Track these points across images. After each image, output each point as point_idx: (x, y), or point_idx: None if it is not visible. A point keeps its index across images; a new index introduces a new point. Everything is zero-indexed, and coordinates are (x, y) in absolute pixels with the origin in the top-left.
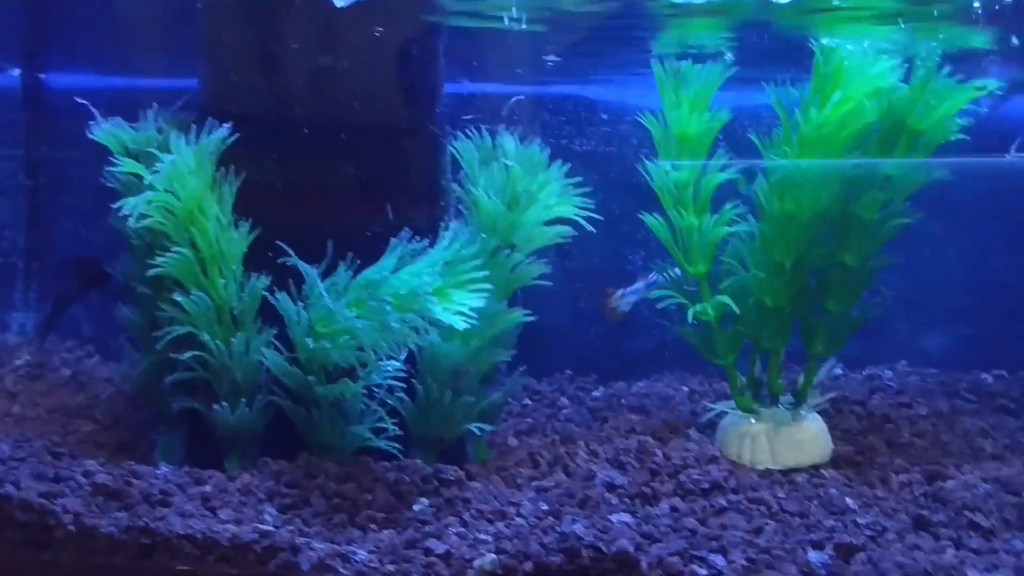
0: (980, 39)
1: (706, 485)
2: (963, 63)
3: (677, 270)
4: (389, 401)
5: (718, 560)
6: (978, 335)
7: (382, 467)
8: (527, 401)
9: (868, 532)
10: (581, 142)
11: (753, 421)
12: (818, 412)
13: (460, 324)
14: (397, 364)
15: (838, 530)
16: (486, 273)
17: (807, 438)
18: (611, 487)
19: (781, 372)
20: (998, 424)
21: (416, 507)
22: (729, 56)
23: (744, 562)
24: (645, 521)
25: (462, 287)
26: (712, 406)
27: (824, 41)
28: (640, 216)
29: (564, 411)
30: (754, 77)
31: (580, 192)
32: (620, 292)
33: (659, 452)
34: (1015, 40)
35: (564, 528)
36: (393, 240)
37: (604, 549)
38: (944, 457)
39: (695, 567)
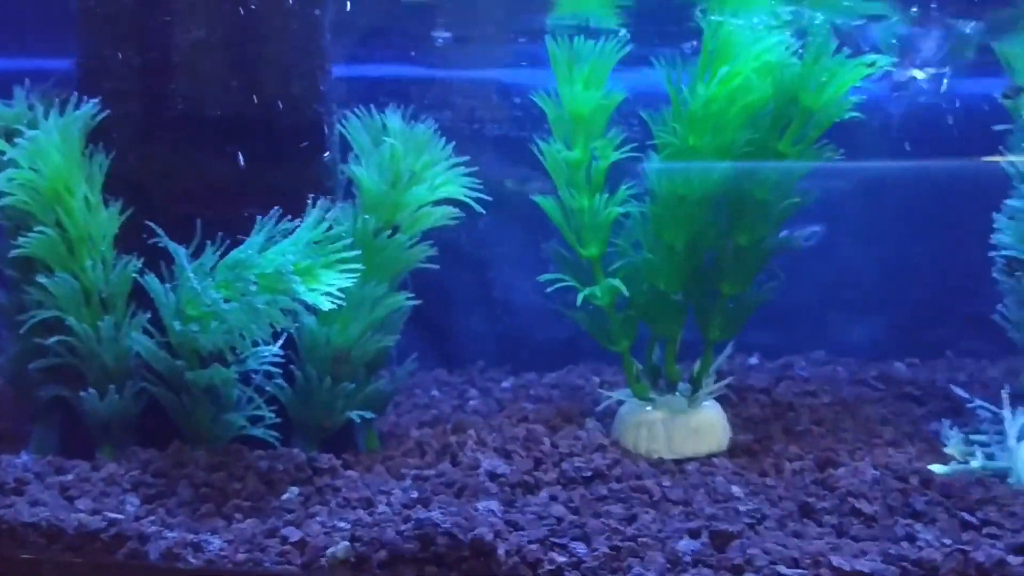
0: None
1: (588, 473)
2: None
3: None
4: (268, 388)
5: (579, 548)
6: (896, 325)
7: (256, 456)
8: (435, 392)
9: (748, 520)
10: (495, 127)
11: (649, 409)
12: (722, 400)
13: (326, 304)
14: (274, 349)
15: (718, 518)
16: (357, 253)
17: (704, 426)
18: (493, 476)
19: (679, 359)
20: (902, 411)
21: (285, 496)
22: (624, 32)
23: (607, 550)
24: (515, 509)
25: (331, 267)
26: (608, 394)
27: (713, 16)
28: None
29: (472, 402)
30: (657, 56)
31: (468, 172)
32: None
33: (547, 441)
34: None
35: (420, 515)
36: (261, 218)
37: (460, 536)
38: (839, 444)
39: (555, 555)
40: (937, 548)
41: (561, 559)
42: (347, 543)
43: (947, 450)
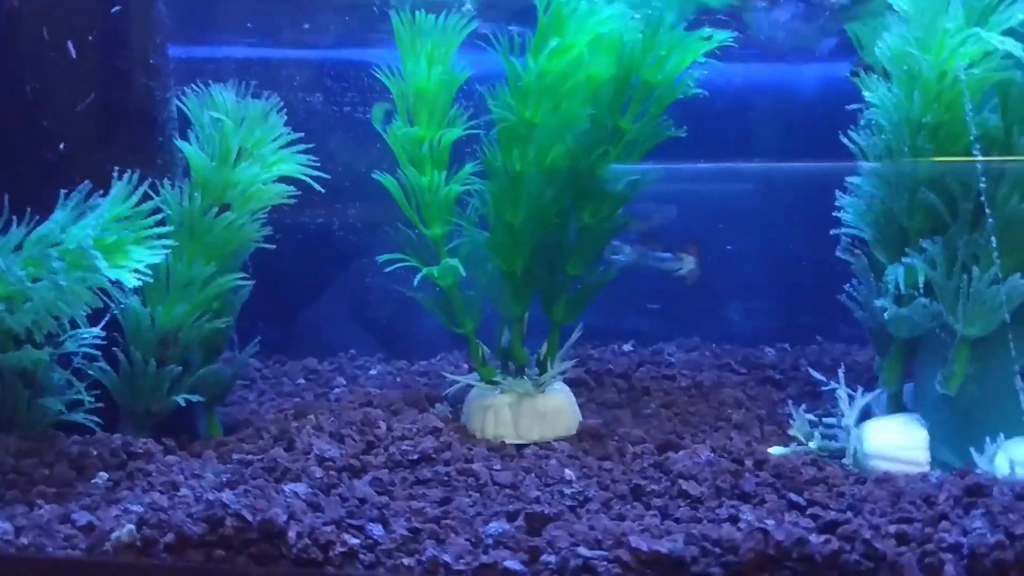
0: None
1: (415, 457)
2: None
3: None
4: (91, 371)
5: (376, 530)
6: (771, 312)
7: (71, 441)
8: (301, 381)
9: (570, 503)
10: (363, 109)
11: (497, 393)
12: (579, 384)
13: (131, 281)
14: (95, 331)
15: (539, 501)
16: (169, 229)
17: (551, 411)
18: (321, 460)
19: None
20: (760, 395)
21: (93, 481)
22: (468, 7)
23: (405, 532)
24: (323, 492)
25: (141, 243)
26: (454, 378)
27: None
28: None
29: (337, 390)
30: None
31: (302, 150)
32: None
33: (384, 425)
34: None
35: (211, 497)
36: (69, 193)
37: (249, 518)
38: (685, 428)
39: (348, 536)
40: (740, 528)
41: (355, 541)
42: (131, 527)
43: (791, 432)
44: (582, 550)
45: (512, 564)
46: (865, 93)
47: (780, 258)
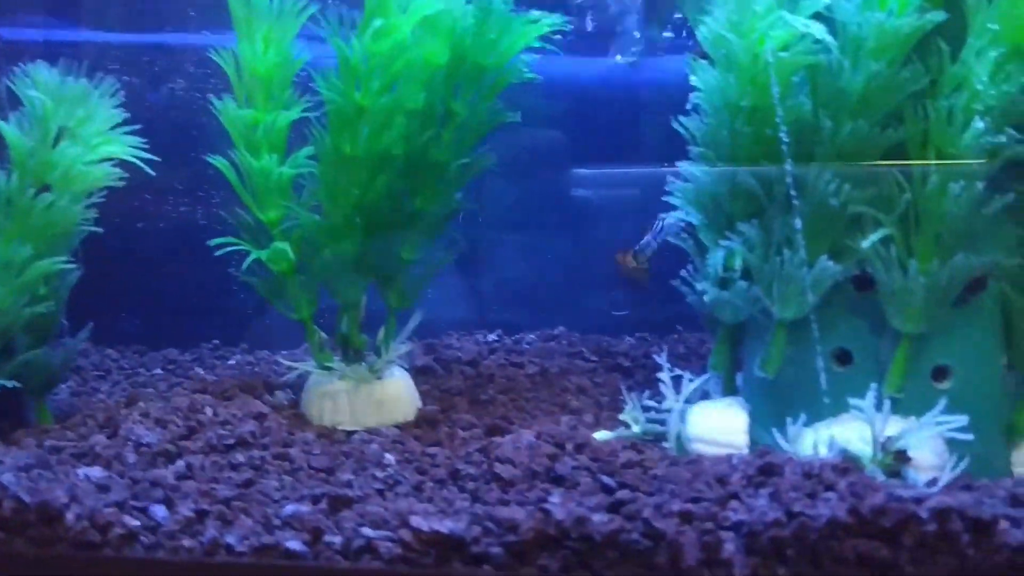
0: None
1: (231, 441)
2: None
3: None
4: None
5: (159, 511)
6: (639, 301)
7: None
8: (158, 371)
9: (378, 486)
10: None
11: (334, 380)
12: (426, 371)
13: None
14: None
15: (350, 485)
16: None
17: (389, 397)
18: (138, 446)
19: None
20: (605, 382)
21: None
22: None
23: (190, 513)
24: (120, 476)
25: None
26: (291, 364)
27: None
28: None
29: (202, 378)
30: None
31: (129, 131)
32: (631, 251)
33: (210, 411)
34: None
35: None
36: None
37: (27, 500)
38: (518, 414)
39: (128, 518)
40: (523, 507)
41: (135, 523)
42: None
43: (621, 416)
44: (366, 530)
45: (294, 545)
46: (692, 77)
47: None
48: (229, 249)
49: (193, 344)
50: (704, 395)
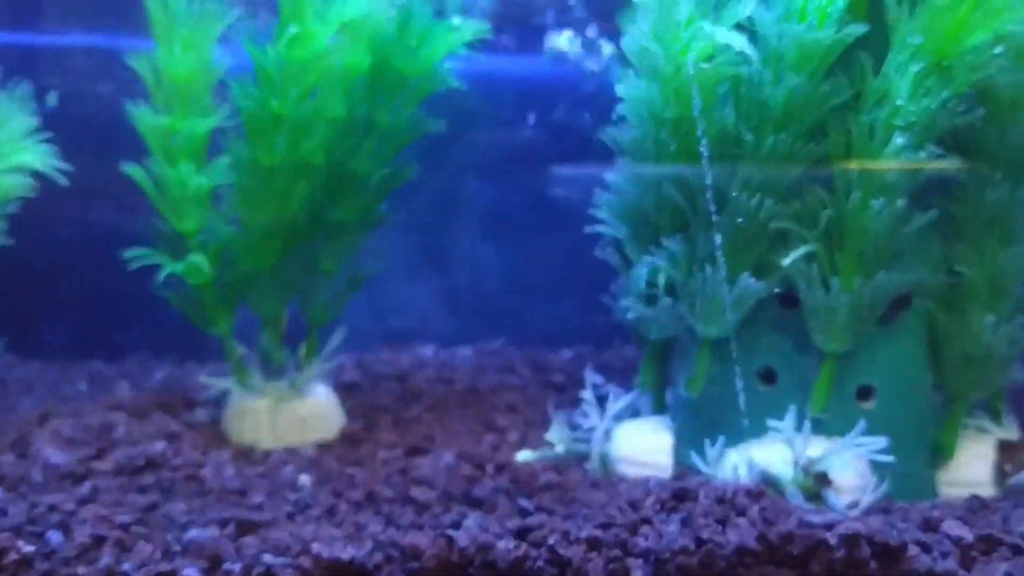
0: None
1: (142, 462)
2: None
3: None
4: None
5: (55, 537)
6: (578, 314)
7: None
8: (83, 385)
9: (290, 509)
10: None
11: (255, 397)
12: (352, 387)
13: None
14: None
15: (261, 508)
16: None
17: (312, 415)
18: (46, 466)
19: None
20: (537, 398)
21: None
22: None
23: (87, 539)
24: (20, 498)
25: None
26: (210, 381)
27: None
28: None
29: (118, 394)
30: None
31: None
32: None
33: (122, 429)
34: None
35: None
36: None
37: None
38: (442, 432)
39: (22, 543)
40: (426, 533)
41: (29, 548)
42: None
43: (547, 436)
44: (267, 557)
45: (191, 572)
46: (617, 87)
47: (588, 260)
48: (146, 262)
49: (120, 356)
50: (635, 413)
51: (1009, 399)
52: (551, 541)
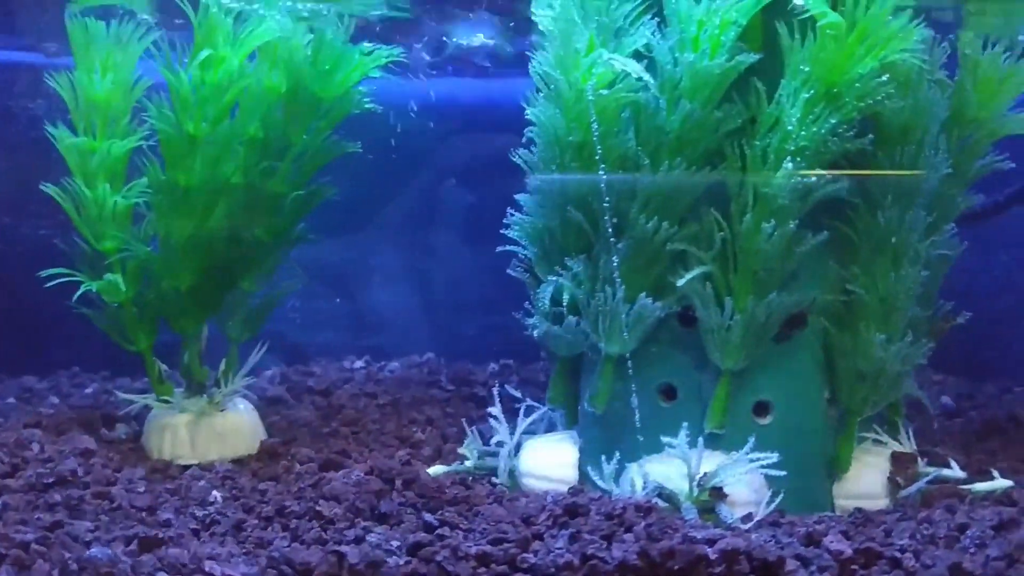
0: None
1: (51, 479)
2: None
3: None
4: None
5: None
6: (508, 327)
7: None
8: (11, 400)
9: (195, 526)
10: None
11: (176, 413)
12: (275, 402)
13: None
14: None
15: (168, 525)
16: None
17: (230, 430)
18: None
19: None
20: (458, 412)
21: None
22: (147, 17)
23: None
24: None
25: None
26: (129, 397)
27: None
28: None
29: (45, 410)
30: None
31: None
32: None
33: (36, 446)
34: None
35: None
36: None
37: None
38: (357, 447)
39: None
40: (315, 550)
41: None
42: None
43: (460, 450)
44: (161, 575)
45: None
46: (527, 110)
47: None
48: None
49: (52, 371)
50: (551, 427)
51: (908, 413)
52: (439, 558)
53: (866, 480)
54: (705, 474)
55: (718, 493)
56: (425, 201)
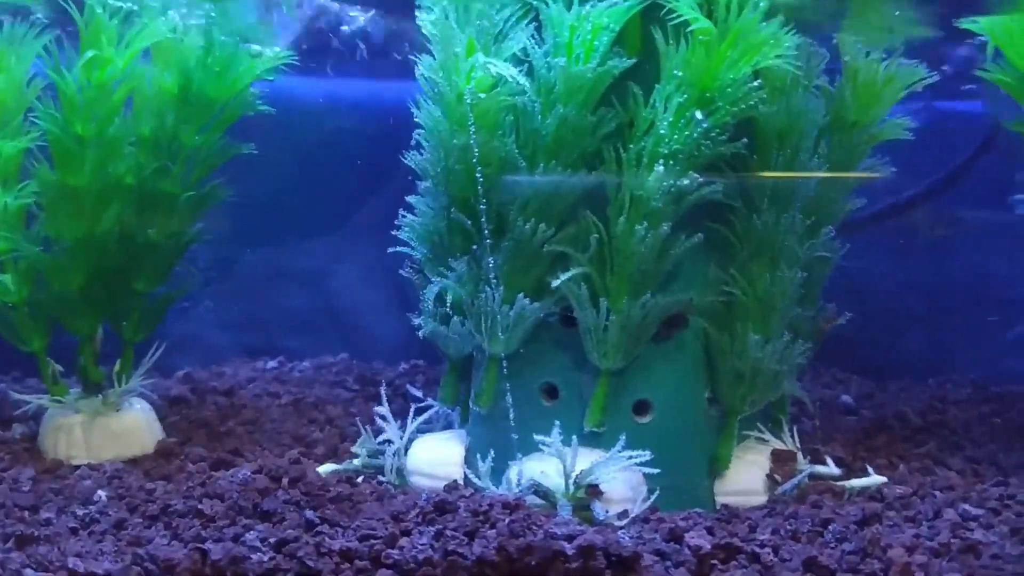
0: None
1: None
2: None
3: None
4: None
5: None
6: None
7: None
8: None
9: (74, 524)
10: None
11: (71, 412)
12: (177, 402)
13: None
14: None
15: (48, 523)
16: None
17: (125, 430)
18: None
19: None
20: (361, 412)
21: None
22: (41, 16)
23: None
24: None
25: None
26: (24, 398)
27: None
28: None
29: None
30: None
31: None
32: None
33: None
34: None
35: None
36: None
37: None
38: (251, 446)
39: None
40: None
41: None
42: None
43: (353, 448)
44: (28, 572)
45: None
46: (415, 112)
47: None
48: None
49: None
50: (448, 425)
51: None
52: (300, 554)
53: (746, 477)
54: (581, 472)
55: (595, 490)
56: (348, 202)
